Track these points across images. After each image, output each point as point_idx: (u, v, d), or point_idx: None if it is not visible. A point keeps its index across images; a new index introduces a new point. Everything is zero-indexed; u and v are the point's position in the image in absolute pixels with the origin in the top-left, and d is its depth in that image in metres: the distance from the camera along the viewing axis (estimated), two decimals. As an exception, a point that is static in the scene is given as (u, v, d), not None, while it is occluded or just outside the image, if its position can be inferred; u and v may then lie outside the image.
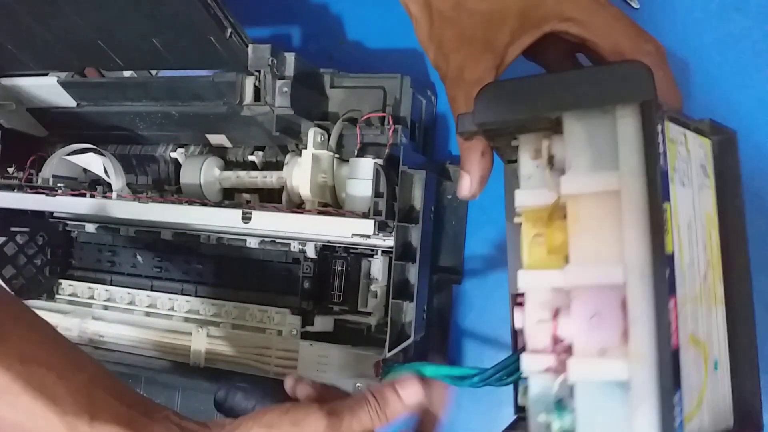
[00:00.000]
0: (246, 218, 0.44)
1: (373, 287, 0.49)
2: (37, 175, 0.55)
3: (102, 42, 0.46)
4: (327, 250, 0.51)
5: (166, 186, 0.55)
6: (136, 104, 0.51)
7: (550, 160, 0.29)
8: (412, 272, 0.42)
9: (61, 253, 0.60)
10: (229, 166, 0.53)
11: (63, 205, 0.50)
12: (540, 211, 0.30)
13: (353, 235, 0.41)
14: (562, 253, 0.28)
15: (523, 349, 0.29)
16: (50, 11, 0.43)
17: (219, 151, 0.54)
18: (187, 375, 0.50)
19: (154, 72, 0.54)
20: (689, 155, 0.30)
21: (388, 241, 0.45)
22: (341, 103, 0.47)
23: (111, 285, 0.58)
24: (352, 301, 0.51)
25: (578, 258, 0.27)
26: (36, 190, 0.51)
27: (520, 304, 0.30)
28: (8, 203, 0.52)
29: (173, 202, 0.46)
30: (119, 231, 0.57)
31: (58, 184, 0.51)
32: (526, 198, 0.30)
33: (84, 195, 0.50)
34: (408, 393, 0.36)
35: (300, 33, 0.59)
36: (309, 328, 0.50)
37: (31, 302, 0.58)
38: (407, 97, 0.45)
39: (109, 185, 0.52)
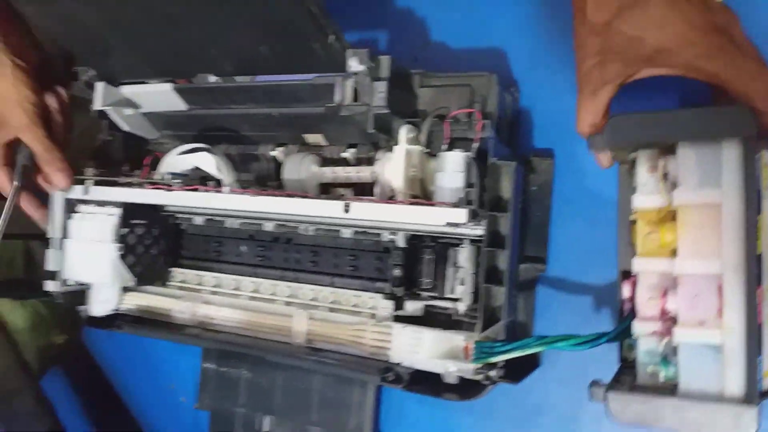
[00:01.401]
0: (347, 208, 0.47)
1: (460, 274, 0.52)
2: (153, 172, 0.61)
3: (214, 51, 0.51)
4: (415, 240, 0.54)
5: (268, 182, 0.60)
6: (240, 107, 0.57)
7: (665, 175, 0.38)
8: (502, 258, 0.44)
9: (173, 243, 0.66)
10: (324, 162, 0.57)
11: (179, 199, 0.56)
12: (652, 212, 0.39)
13: (447, 224, 0.44)
14: (670, 248, 0.38)
15: (633, 315, 0.38)
16: (169, 24, 0.49)
17: (315, 149, 0.58)
18: (289, 352, 0.55)
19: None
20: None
21: (477, 230, 0.48)
22: (430, 100, 0.50)
23: (218, 272, 0.63)
24: (440, 288, 0.54)
25: (685, 252, 0.36)
26: (155, 185, 0.57)
27: (629, 280, 0.39)
28: (130, 198, 0.58)
29: (281, 195, 0.51)
30: (225, 223, 0.63)
31: (174, 180, 0.57)
32: (642, 201, 0.39)
33: (197, 189, 0.55)
34: None
35: (385, 36, 0.62)
36: (400, 312, 0.54)
37: (147, 288, 0.65)
38: (494, 94, 0.48)
39: (218, 181, 0.57)
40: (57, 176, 0.60)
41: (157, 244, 0.64)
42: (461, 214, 0.43)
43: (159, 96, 0.59)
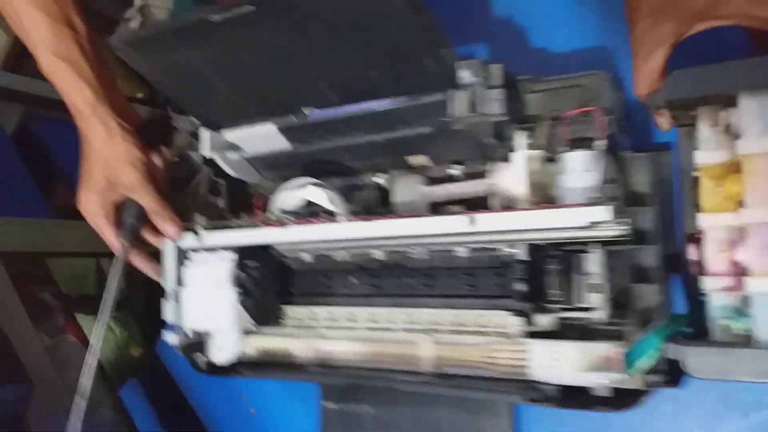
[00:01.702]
0: (472, 221, 0.46)
1: (590, 282, 0.50)
2: (263, 212, 0.62)
3: (322, 82, 0.51)
4: (537, 251, 0.52)
5: (375, 210, 0.60)
6: (345, 138, 0.57)
7: (726, 127, 0.39)
8: (650, 255, 0.42)
9: (283, 282, 0.66)
10: (431, 182, 0.57)
11: (295, 234, 0.56)
12: (715, 167, 0.40)
13: (591, 223, 0.42)
14: (735, 200, 0.38)
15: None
16: (279, 61, 0.50)
17: (419, 171, 0.58)
18: (419, 381, 0.53)
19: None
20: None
21: (613, 231, 0.45)
22: (539, 105, 0.49)
23: (330, 306, 0.63)
24: (570, 299, 0.51)
25: (753, 202, 0.37)
26: (269, 224, 0.57)
27: (696, 241, 0.41)
28: (245, 240, 0.59)
29: (399, 217, 0.50)
30: (334, 256, 0.63)
31: (287, 217, 0.57)
32: (705, 157, 0.40)
33: (312, 222, 0.55)
34: None
35: (474, 46, 0.62)
36: (532, 328, 0.52)
37: (263, 329, 0.65)
38: (608, 91, 0.46)
39: (330, 213, 0.57)
40: (169, 227, 0.62)
41: (269, 285, 0.64)
42: (606, 212, 0.41)
43: (263, 138, 0.60)
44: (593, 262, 0.50)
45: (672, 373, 0.43)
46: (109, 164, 0.59)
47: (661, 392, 0.47)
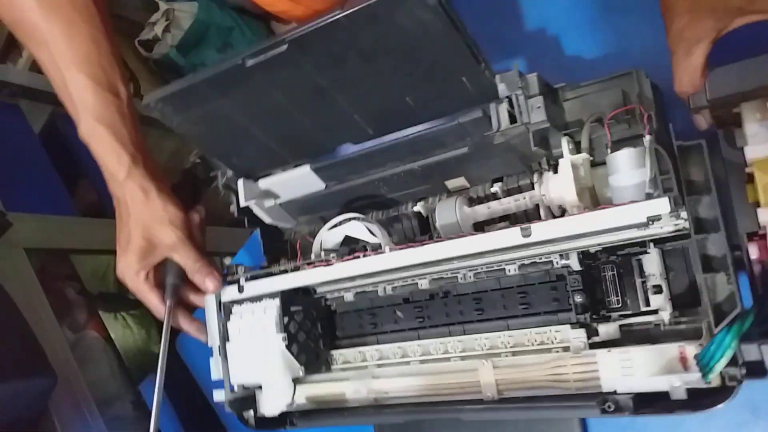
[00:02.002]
0: (525, 234, 0.46)
1: (652, 283, 0.49)
2: (300, 257, 0.61)
3: (357, 116, 0.52)
4: (590, 260, 0.52)
5: (416, 239, 0.59)
6: (380, 170, 0.57)
7: None
8: (717, 243, 0.41)
9: (328, 326, 0.65)
10: (471, 203, 0.56)
11: (342, 271, 0.55)
12: (766, 161, 0.39)
13: (649, 219, 0.41)
14: None
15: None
16: (315, 99, 0.50)
17: (459, 194, 0.57)
18: (485, 410, 0.51)
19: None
20: None
21: (672, 225, 0.45)
22: (578, 111, 0.50)
23: (379, 345, 0.61)
24: (632, 304, 0.50)
25: None
26: (313, 265, 0.57)
27: (755, 240, 0.41)
28: (291, 284, 0.58)
29: (449, 239, 0.50)
30: (377, 292, 0.62)
31: (331, 255, 0.57)
32: (757, 151, 0.39)
33: (358, 257, 0.54)
34: None
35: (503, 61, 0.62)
36: (595, 339, 0.50)
37: (312, 377, 0.63)
38: (647, 87, 0.47)
39: (373, 246, 0.56)
40: (210, 282, 0.61)
41: (315, 329, 0.63)
42: (663, 204, 0.40)
43: (297, 181, 0.60)
44: (650, 263, 0.49)
45: (752, 369, 0.42)
46: (148, 226, 0.59)
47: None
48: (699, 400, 0.44)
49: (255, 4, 0.91)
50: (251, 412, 0.63)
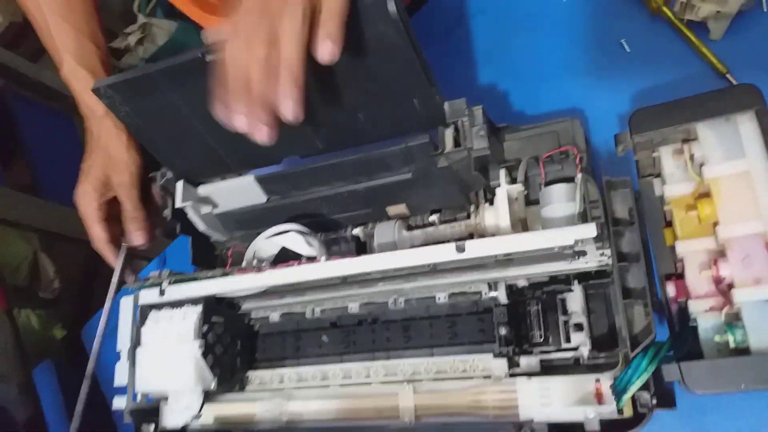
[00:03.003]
0: (460, 249, 0.47)
1: (574, 321, 0.51)
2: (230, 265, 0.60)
3: (309, 129, 0.53)
4: (516, 294, 0.53)
5: (352, 260, 0.59)
6: (324, 188, 0.58)
7: (691, 157, 0.43)
8: (637, 275, 0.44)
9: (248, 346, 0.63)
10: (410, 229, 0.58)
11: (272, 278, 0.54)
12: (684, 198, 0.43)
13: (576, 241, 0.43)
14: (710, 222, 0.41)
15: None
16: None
17: (398, 220, 0.59)
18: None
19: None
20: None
21: (591, 264, 0.47)
22: (515, 151, 0.53)
23: (299, 366, 0.59)
24: (554, 339, 0.52)
25: (727, 219, 0.40)
26: (243, 271, 0.56)
27: (672, 279, 0.43)
28: (219, 289, 0.56)
29: (384, 251, 0.50)
30: (305, 314, 0.61)
31: (262, 263, 0.56)
32: (674, 189, 0.43)
33: (292, 265, 0.54)
34: None
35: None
36: (516, 370, 0.51)
37: (223, 397, 0.60)
38: (581, 135, 0.50)
39: (308, 259, 0.56)
40: (138, 234, 0.63)
41: (233, 345, 0.61)
42: (590, 229, 0.43)
43: (238, 190, 0.60)
44: (574, 301, 0.51)
45: (665, 396, 0.43)
46: (110, 162, 0.63)
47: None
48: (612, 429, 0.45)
49: None
50: (151, 427, 0.59)
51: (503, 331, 0.51)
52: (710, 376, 0.38)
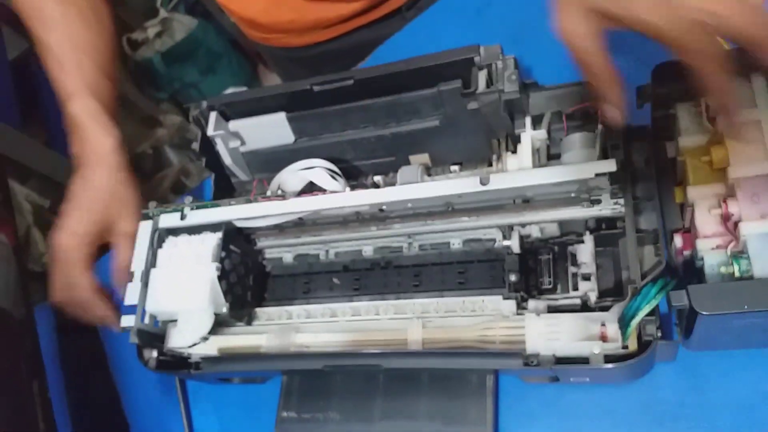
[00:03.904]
0: (484, 181, 0.49)
1: (583, 270, 0.53)
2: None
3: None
4: (529, 245, 0.55)
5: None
6: (352, 132, 0.60)
7: (707, 110, 0.45)
8: (648, 219, 0.46)
9: (260, 284, 0.64)
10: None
11: (297, 205, 0.56)
12: (697, 149, 0.45)
13: (596, 174, 0.46)
14: (721, 166, 0.43)
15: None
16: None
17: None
18: (407, 356, 0.51)
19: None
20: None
21: (605, 211, 0.50)
22: (541, 107, 0.55)
23: (308, 305, 0.60)
24: (563, 288, 0.53)
25: (738, 160, 0.42)
26: (267, 198, 0.57)
27: (680, 232, 0.46)
28: (242, 214, 0.58)
29: (409, 184, 0.52)
30: (318, 256, 0.62)
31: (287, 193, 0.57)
32: (689, 141, 0.45)
33: (317, 195, 0.56)
34: None
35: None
36: (524, 311, 0.52)
37: (230, 330, 0.60)
38: (602, 96, 0.53)
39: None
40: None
41: (247, 279, 0.62)
42: (611, 164, 0.45)
43: (268, 128, 0.62)
44: (584, 253, 0.53)
45: (665, 328, 0.45)
46: (117, 205, 0.61)
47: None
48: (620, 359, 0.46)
49: (248, 41, 0.97)
50: (153, 353, 0.60)
51: (513, 277, 0.53)
52: (716, 298, 0.39)
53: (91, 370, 0.79)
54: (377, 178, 0.62)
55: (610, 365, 0.45)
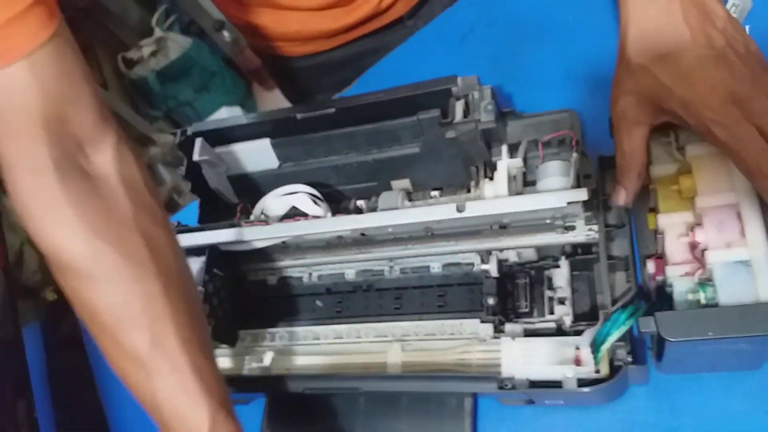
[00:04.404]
0: (460, 209, 0.51)
1: (558, 295, 0.54)
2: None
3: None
4: (507, 269, 0.57)
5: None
6: (335, 157, 0.62)
7: (677, 140, 0.47)
8: (619, 245, 0.47)
9: (244, 306, 0.65)
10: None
11: (279, 231, 0.57)
12: (667, 178, 0.46)
13: (568, 203, 0.47)
14: (689, 195, 0.44)
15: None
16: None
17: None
18: (385, 379, 0.52)
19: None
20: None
21: (579, 237, 0.51)
22: (518, 136, 0.57)
23: (292, 327, 0.61)
24: (539, 311, 0.55)
25: (705, 190, 0.44)
26: (250, 223, 0.58)
27: (653, 258, 0.46)
28: (226, 238, 0.59)
29: (387, 210, 0.54)
30: (302, 279, 0.63)
31: (269, 219, 0.59)
32: (660, 170, 0.47)
33: (299, 219, 0.57)
34: None
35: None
36: (501, 335, 0.53)
37: (215, 350, 0.61)
38: (578, 126, 0.55)
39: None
40: None
41: (230, 301, 0.63)
42: (582, 193, 0.47)
43: (252, 153, 0.63)
44: (560, 277, 0.54)
45: (636, 352, 0.47)
46: None
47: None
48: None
49: (242, 60, 0.97)
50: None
51: (491, 301, 0.54)
52: (682, 324, 0.41)
53: (79, 388, 0.79)
54: (360, 203, 0.63)
55: (582, 389, 0.46)
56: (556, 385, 0.48)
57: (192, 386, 0.41)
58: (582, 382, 0.47)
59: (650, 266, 0.47)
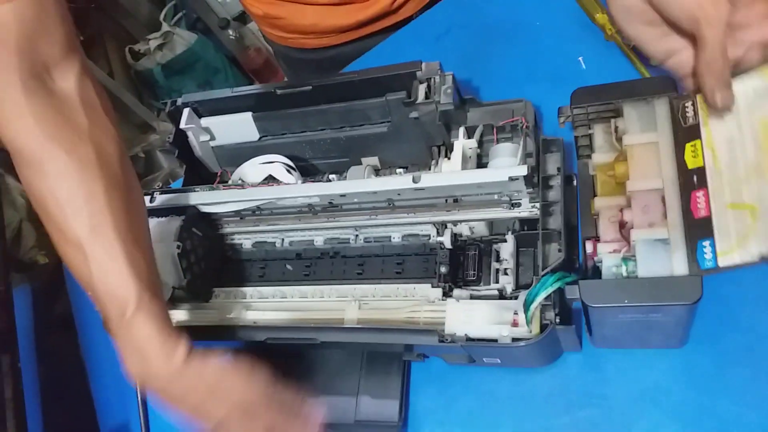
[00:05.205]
0: (416, 179, 0.56)
1: (504, 266, 0.59)
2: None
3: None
4: (460, 242, 0.62)
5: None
6: (311, 133, 0.67)
7: (616, 130, 0.50)
8: (555, 219, 0.53)
9: (218, 266, 0.70)
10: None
11: (253, 194, 0.62)
12: (606, 165, 0.50)
13: (510, 178, 0.52)
14: (623, 180, 0.48)
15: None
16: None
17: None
18: (340, 331, 0.58)
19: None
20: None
21: (524, 213, 0.57)
22: (477, 120, 0.62)
23: (262, 287, 0.66)
24: (485, 280, 0.60)
25: (636, 176, 0.48)
26: (228, 187, 0.64)
27: (591, 240, 0.49)
28: (203, 200, 0.64)
29: (353, 179, 0.59)
30: (275, 244, 0.68)
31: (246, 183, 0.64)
32: (600, 157, 0.51)
33: (272, 186, 0.62)
34: None
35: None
36: (449, 298, 0.58)
37: (185, 305, 0.66)
38: (531, 113, 0.60)
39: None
40: None
41: (206, 260, 0.68)
42: (522, 169, 0.52)
43: (235, 125, 0.69)
44: (506, 250, 0.59)
45: (564, 315, 0.51)
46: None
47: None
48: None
49: (245, 57, 1.02)
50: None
51: (443, 269, 0.59)
52: (603, 292, 0.45)
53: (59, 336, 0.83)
54: (332, 177, 0.68)
55: (513, 344, 0.51)
56: (491, 341, 0.53)
57: (122, 270, 0.47)
58: (516, 341, 0.52)
59: (588, 247, 0.51)
